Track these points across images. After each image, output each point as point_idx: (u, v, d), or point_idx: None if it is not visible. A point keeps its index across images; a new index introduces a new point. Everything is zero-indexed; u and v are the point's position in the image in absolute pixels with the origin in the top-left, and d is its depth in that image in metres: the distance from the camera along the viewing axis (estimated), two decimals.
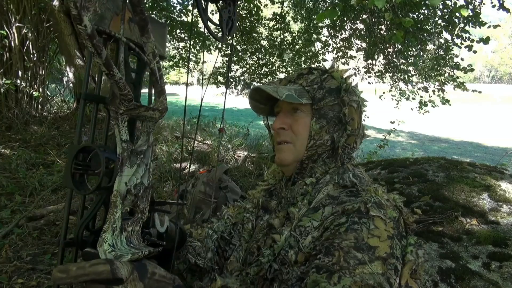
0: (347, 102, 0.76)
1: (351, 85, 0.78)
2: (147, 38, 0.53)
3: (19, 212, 2.42)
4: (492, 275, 1.09)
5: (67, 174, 0.53)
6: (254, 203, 0.91)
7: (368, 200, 0.67)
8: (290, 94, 0.73)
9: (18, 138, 3.73)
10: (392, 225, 0.65)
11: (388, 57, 6.12)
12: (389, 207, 0.68)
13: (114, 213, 0.51)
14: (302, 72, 0.82)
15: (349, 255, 0.60)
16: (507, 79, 54.37)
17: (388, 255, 0.61)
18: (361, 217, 0.64)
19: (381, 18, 5.21)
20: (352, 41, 6.57)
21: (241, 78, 7.94)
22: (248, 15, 6.98)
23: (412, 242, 0.67)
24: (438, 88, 5.97)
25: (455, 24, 4.37)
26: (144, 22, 0.51)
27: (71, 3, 0.40)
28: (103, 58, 0.45)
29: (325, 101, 0.76)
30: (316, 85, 0.77)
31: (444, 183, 1.70)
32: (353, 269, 0.59)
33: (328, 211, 0.69)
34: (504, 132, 11.32)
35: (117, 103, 0.52)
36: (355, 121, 0.77)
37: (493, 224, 1.36)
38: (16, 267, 1.86)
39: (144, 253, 0.52)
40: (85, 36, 0.42)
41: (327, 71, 0.80)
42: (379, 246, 0.61)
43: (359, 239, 0.61)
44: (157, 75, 0.56)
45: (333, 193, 0.73)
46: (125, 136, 0.54)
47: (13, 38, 3.83)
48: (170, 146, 4.31)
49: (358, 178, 0.75)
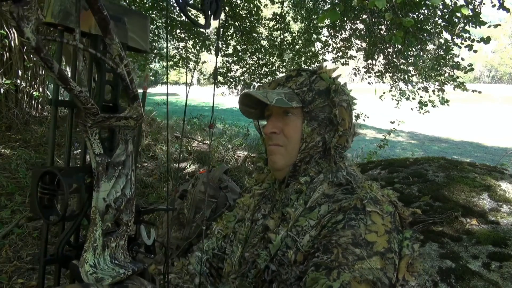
0: (337, 102, 0.76)
1: (340, 85, 0.78)
2: (110, 39, 0.47)
3: (19, 212, 2.42)
4: (492, 275, 1.09)
5: (33, 201, 0.49)
6: (244, 210, 0.90)
7: (364, 196, 0.68)
8: (280, 99, 0.73)
9: (18, 138, 3.73)
10: (389, 219, 0.66)
11: (388, 57, 6.12)
12: (385, 202, 0.69)
13: (94, 231, 0.48)
14: (290, 75, 0.82)
15: (347, 251, 0.60)
16: (507, 79, 54.35)
17: (386, 249, 0.61)
18: (358, 213, 0.65)
19: (381, 18, 5.21)
20: (352, 41, 6.56)
21: (241, 78, 7.93)
22: (248, 15, 6.98)
23: (408, 236, 0.68)
24: (438, 88, 5.96)
25: (455, 24, 4.36)
26: (105, 22, 0.45)
27: (7, 14, 0.33)
28: (55, 72, 0.39)
29: (315, 103, 0.76)
30: (306, 87, 0.77)
31: (444, 183, 1.70)
32: (352, 264, 0.59)
33: (324, 210, 0.69)
34: (504, 132, 11.31)
35: (83, 116, 0.47)
36: (346, 121, 0.77)
37: (493, 224, 1.36)
38: (16, 267, 1.86)
39: (127, 273, 0.49)
40: (31, 50, 0.36)
41: (316, 72, 0.80)
42: (376, 241, 0.62)
43: (356, 235, 0.62)
44: (127, 80, 0.49)
45: (328, 191, 0.73)
46: (97, 150, 0.50)
47: (13, 38, 3.83)
48: (170, 146, 4.30)
49: (351, 176, 0.76)
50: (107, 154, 0.51)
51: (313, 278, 0.60)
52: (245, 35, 7.03)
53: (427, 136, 10.76)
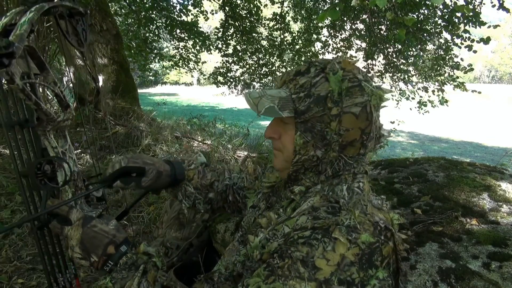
0: (340, 112, 0.66)
1: (351, 86, 0.67)
2: (46, 73, 0.70)
3: (19, 212, 2.42)
4: (492, 275, 1.09)
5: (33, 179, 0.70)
6: (259, 193, 0.93)
7: (342, 222, 0.62)
8: (270, 107, 0.66)
9: None
10: (356, 251, 0.60)
11: (388, 57, 6.12)
12: (366, 231, 0.62)
13: (67, 196, 0.77)
14: (299, 70, 0.71)
15: (293, 267, 0.59)
16: (507, 79, 54.34)
17: (326, 280, 0.58)
18: (325, 236, 0.61)
19: (381, 18, 5.21)
20: (352, 41, 6.56)
21: (241, 78, 7.94)
22: (248, 15, 6.98)
23: (379, 277, 0.60)
24: (438, 88, 5.97)
25: (455, 24, 4.36)
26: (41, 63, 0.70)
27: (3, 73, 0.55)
28: (33, 101, 0.64)
29: (310, 113, 0.67)
30: (304, 92, 0.68)
31: (444, 183, 1.70)
32: (289, 279, 0.58)
33: (301, 221, 0.66)
34: (504, 132, 11.31)
35: (45, 124, 0.72)
36: (350, 132, 0.67)
37: (493, 224, 1.36)
38: (16, 267, 1.86)
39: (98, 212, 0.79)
40: (17, 90, 0.59)
41: (324, 70, 0.68)
42: (322, 269, 0.58)
43: (310, 255, 0.59)
44: (61, 96, 0.74)
45: (317, 205, 0.68)
46: (54, 143, 0.75)
47: None
48: (170, 146, 4.31)
49: (350, 193, 0.69)
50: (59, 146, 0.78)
51: (257, 274, 0.62)
52: (245, 35, 7.03)
53: (427, 136, 10.76)
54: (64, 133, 0.78)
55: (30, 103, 0.63)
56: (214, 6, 7.28)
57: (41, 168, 0.70)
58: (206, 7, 7.46)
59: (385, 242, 0.64)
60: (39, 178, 0.70)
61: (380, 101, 0.70)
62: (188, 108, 14.95)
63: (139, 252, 0.71)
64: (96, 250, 0.69)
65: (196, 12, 7.31)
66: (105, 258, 0.68)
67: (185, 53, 7.66)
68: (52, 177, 0.73)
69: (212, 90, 22.15)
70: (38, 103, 0.65)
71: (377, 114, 0.71)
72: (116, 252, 0.69)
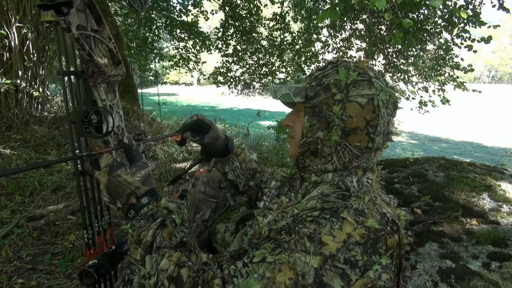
0: (343, 98, 0.71)
1: (360, 80, 0.71)
2: (102, 27, 0.73)
3: (19, 212, 2.42)
4: (492, 275, 1.09)
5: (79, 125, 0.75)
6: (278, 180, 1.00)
7: (350, 205, 0.65)
8: (286, 94, 0.76)
9: (18, 138, 3.73)
10: (362, 231, 0.62)
11: (388, 57, 6.12)
12: (373, 217, 0.65)
13: (110, 146, 0.79)
14: (319, 67, 0.81)
15: (300, 241, 0.61)
16: (507, 79, 54.34)
17: (331, 255, 0.60)
18: (332, 216, 0.63)
19: (381, 18, 5.21)
20: (352, 41, 6.56)
21: (241, 78, 7.93)
22: (248, 15, 6.98)
23: (382, 263, 0.63)
24: (438, 88, 5.96)
25: (455, 24, 4.36)
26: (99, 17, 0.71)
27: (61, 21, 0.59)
28: (86, 52, 0.66)
29: (318, 98, 0.73)
30: (316, 81, 0.75)
31: (444, 183, 1.70)
32: (295, 252, 0.60)
33: (311, 205, 0.68)
34: (504, 132, 11.31)
35: (95, 77, 0.75)
36: (353, 119, 0.71)
37: (493, 224, 1.36)
38: (16, 267, 1.86)
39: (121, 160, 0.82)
40: (73, 39, 0.63)
41: (337, 65, 0.75)
42: (328, 244, 0.61)
43: (317, 231, 0.62)
44: (114, 51, 0.76)
45: (327, 191, 0.71)
46: (103, 96, 0.78)
47: (13, 38, 3.82)
48: (170, 146, 4.30)
49: (360, 185, 0.72)
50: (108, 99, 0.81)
51: (264, 247, 0.64)
52: (245, 35, 7.03)
53: (427, 136, 10.75)
54: (114, 88, 0.81)
55: (83, 53, 0.66)
56: (214, 6, 7.28)
57: (88, 117, 0.74)
58: (206, 7, 7.47)
59: (391, 233, 0.66)
60: (85, 126, 0.74)
61: (390, 98, 0.73)
62: (188, 108, 14.94)
63: (160, 206, 0.72)
64: (119, 198, 0.73)
65: (196, 12, 7.32)
66: (127, 207, 0.72)
67: (185, 53, 7.66)
68: (99, 127, 0.76)
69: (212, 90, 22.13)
70: (91, 54, 0.67)
71: (388, 111, 0.74)
72: (138, 203, 0.72)
